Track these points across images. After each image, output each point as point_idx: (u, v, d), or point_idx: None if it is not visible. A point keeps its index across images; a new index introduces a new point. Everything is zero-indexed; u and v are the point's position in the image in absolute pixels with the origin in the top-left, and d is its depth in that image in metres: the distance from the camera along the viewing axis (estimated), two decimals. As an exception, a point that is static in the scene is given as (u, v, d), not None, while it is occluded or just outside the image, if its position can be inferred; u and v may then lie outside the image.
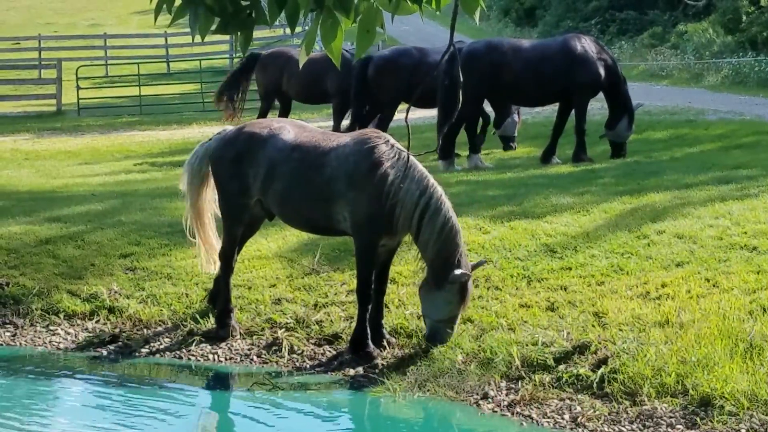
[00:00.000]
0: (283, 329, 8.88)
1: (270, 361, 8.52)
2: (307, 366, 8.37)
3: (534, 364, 7.72)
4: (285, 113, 18.52)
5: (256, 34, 5.11)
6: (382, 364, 8.17)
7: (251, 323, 9.09)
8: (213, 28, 4.54)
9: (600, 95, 15.83)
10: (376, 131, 8.57)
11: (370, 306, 8.25)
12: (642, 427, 6.88)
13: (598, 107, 19.66)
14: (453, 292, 7.91)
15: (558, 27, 39.13)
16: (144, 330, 9.22)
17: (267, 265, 10.03)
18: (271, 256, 10.24)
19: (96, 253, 10.60)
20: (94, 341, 9.09)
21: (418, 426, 7.46)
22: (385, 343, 8.40)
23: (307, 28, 5.01)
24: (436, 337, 8.09)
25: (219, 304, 8.99)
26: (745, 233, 9.67)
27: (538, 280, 9.15)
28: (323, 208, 8.25)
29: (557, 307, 8.55)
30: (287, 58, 18.05)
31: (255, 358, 8.62)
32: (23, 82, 33.05)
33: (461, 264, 7.89)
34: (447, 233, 7.85)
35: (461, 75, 13.59)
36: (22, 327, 9.48)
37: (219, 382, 8.41)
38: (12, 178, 16.41)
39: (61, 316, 9.57)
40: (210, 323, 9.08)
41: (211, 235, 9.03)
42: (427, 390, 7.69)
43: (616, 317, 8.15)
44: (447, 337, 8.07)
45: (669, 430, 6.81)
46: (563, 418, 7.13)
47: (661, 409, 6.99)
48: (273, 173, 8.38)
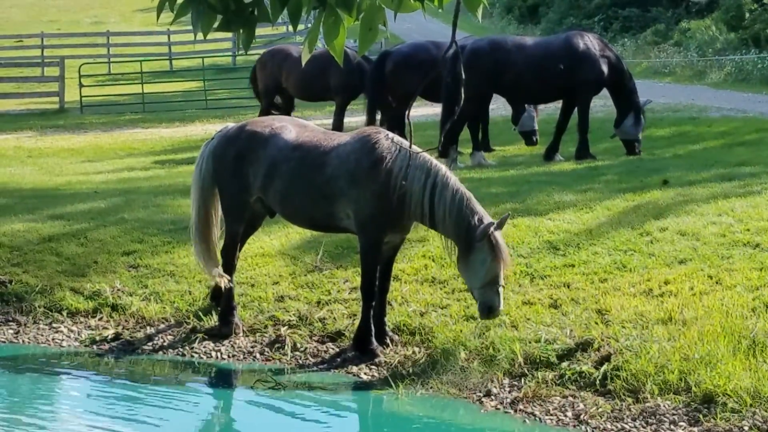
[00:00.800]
0: (286, 326, 8.88)
1: (273, 359, 8.53)
2: (310, 363, 8.37)
3: (537, 361, 7.72)
4: (287, 111, 18.52)
5: (258, 31, 5.11)
6: (385, 361, 8.18)
7: (254, 320, 9.09)
8: (215, 25, 4.54)
9: (605, 92, 15.78)
10: (376, 128, 8.58)
11: (373, 303, 8.25)
12: (645, 424, 6.87)
13: (600, 105, 19.64)
14: (484, 249, 7.63)
15: (561, 24, 39.09)
16: (147, 327, 9.23)
17: (270, 263, 10.04)
18: (274, 253, 10.25)
19: (99, 251, 10.60)
20: (96, 339, 9.10)
21: (421, 423, 7.45)
22: (389, 341, 8.40)
23: (310, 25, 5.00)
24: (487, 308, 7.71)
25: (222, 301, 9.00)
26: (748, 230, 9.66)
27: (541, 277, 9.15)
28: (325, 206, 8.24)
29: (560, 305, 8.54)
30: (286, 55, 18.04)
31: (258, 355, 8.62)
32: (26, 79, 32.98)
33: (484, 221, 7.70)
34: (459, 202, 7.74)
35: (464, 72, 13.56)
36: (25, 324, 9.49)
37: (222, 379, 8.42)
38: (15, 175, 16.40)
39: (64, 313, 9.58)
40: (213, 320, 9.09)
41: (214, 240, 8.98)
42: (430, 387, 7.70)
43: (618, 314, 8.14)
44: (497, 303, 7.68)
45: (672, 427, 6.80)
46: (566, 415, 7.13)
47: (664, 406, 6.98)
48: (274, 172, 8.37)
